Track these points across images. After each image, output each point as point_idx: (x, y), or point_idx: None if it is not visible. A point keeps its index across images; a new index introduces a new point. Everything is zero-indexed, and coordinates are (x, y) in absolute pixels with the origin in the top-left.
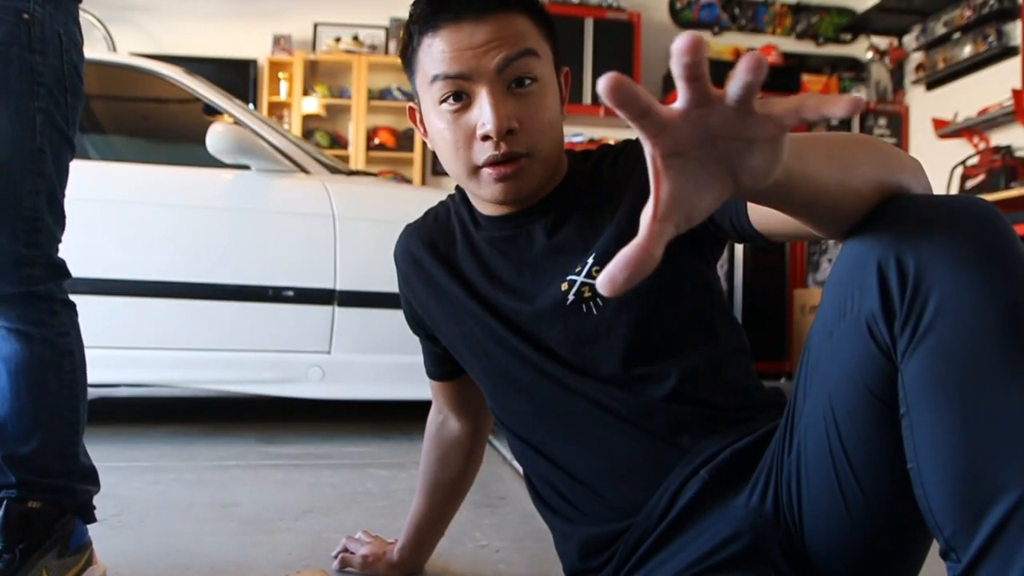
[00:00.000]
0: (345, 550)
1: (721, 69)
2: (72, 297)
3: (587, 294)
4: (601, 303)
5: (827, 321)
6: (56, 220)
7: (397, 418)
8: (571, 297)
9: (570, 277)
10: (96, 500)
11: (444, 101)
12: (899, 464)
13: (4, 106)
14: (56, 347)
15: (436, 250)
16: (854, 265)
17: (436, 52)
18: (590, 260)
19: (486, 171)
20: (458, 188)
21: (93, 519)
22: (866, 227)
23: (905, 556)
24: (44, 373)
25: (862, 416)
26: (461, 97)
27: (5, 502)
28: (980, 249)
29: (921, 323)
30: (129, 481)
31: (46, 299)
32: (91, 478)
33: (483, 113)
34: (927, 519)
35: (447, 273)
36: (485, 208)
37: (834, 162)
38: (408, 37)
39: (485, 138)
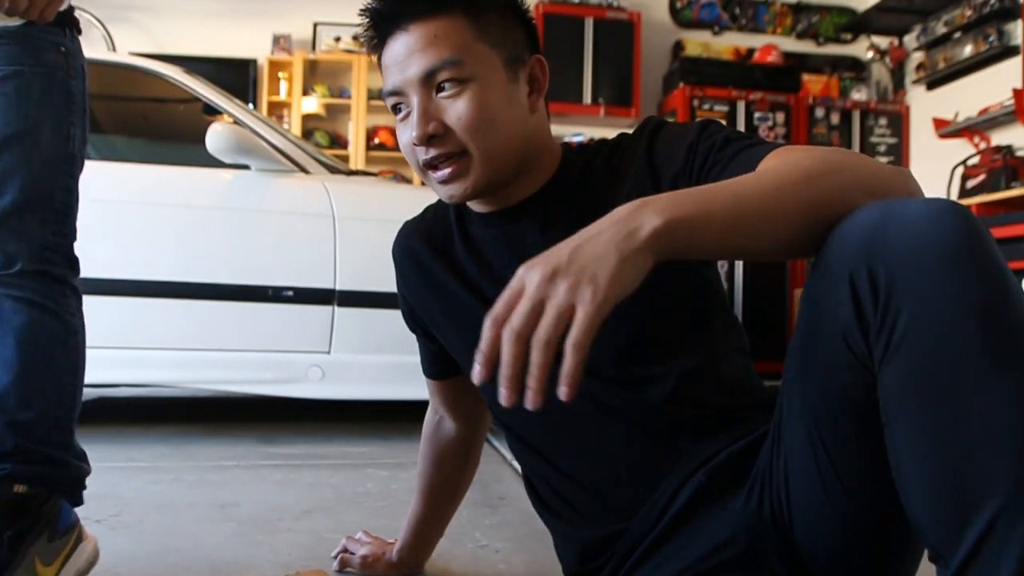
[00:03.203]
0: (345, 550)
1: (721, 69)
2: None
3: None
4: None
5: (805, 331)
6: (76, 218)
7: (397, 418)
8: None
9: None
10: (96, 500)
11: (395, 113)
12: (885, 469)
13: (48, 118)
14: (64, 322)
15: (434, 246)
16: (826, 276)
17: (383, 69)
18: None
19: (430, 173)
20: None
21: (81, 501)
22: (837, 236)
23: (899, 559)
24: (51, 344)
25: (844, 425)
26: (402, 108)
27: None
28: (950, 254)
29: (895, 332)
30: (129, 481)
31: (60, 281)
32: (84, 458)
33: (411, 121)
34: (914, 526)
35: (445, 269)
36: (475, 206)
37: (756, 222)
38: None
39: (416, 144)
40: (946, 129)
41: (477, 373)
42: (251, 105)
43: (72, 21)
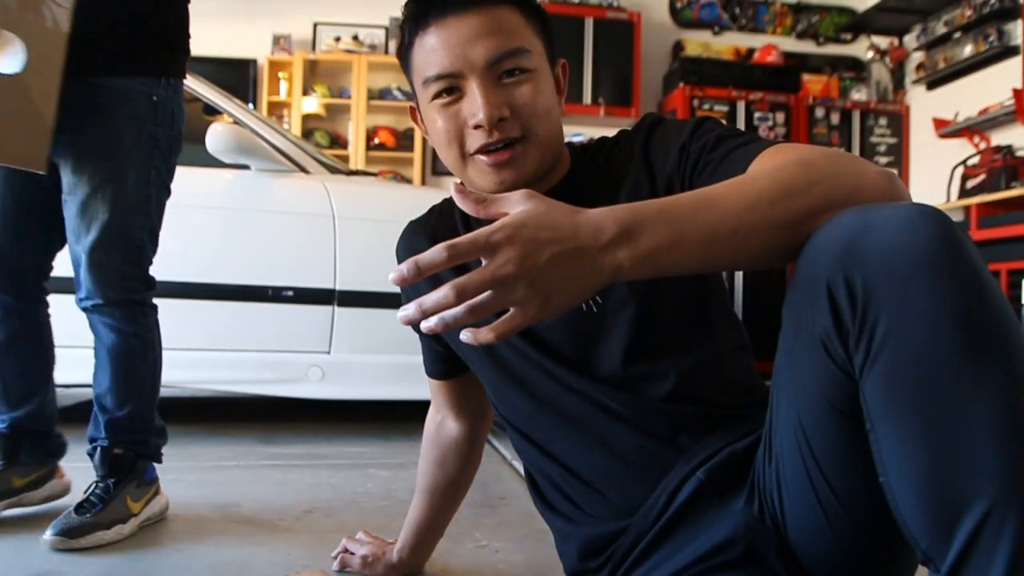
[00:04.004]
0: (345, 550)
1: (721, 69)
2: (72, 297)
3: None
4: (601, 300)
5: (787, 338)
6: (153, 247)
7: (397, 418)
8: None
9: None
10: None
11: (438, 97)
12: (873, 473)
13: (132, 166)
14: (144, 341)
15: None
16: (804, 284)
17: (427, 50)
18: None
19: (480, 158)
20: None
21: (160, 461)
22: (814, 244)
23: (894, 561)
24: (134, 360)
25: (830, 431)
26: (453, 91)
27: (99, 449)
28: (927, 261)
29: (874, 340)
30: None
31: (140, 305)
32: (162, 434)
33: (474, 103)
34: (903, 531)
35: (450, 269)
36: None
37: (729, 238)
38: (402, 37)
39: (477, 127)
40: (946, 129)
41: (397, 279)
42: (251, 105)
43: (171, 71)
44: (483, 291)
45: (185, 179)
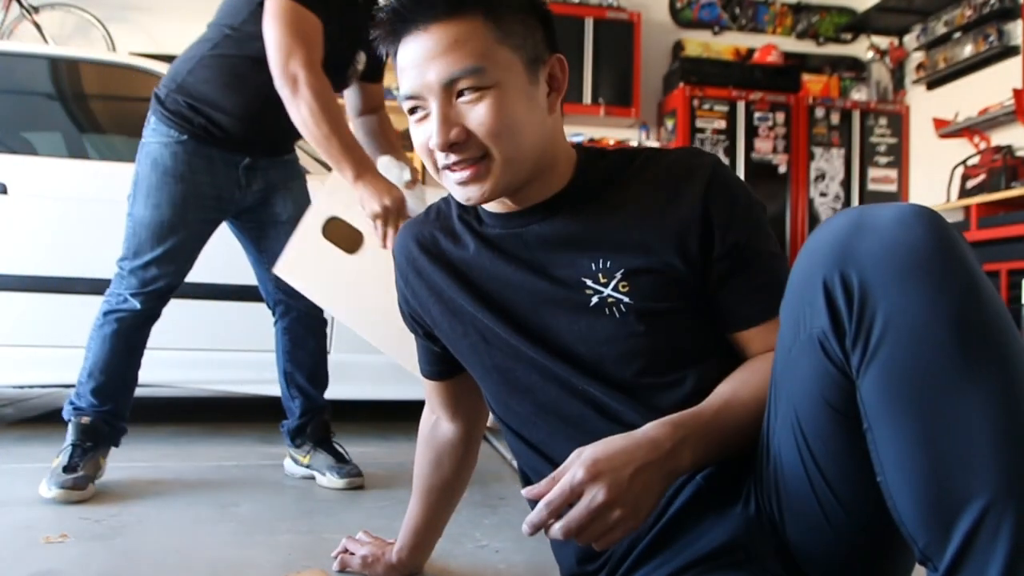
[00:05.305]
0: (345, 550)
1: (721, 69)
2: (73, 297)
3: (611, 301)
4: (624, 310)
5: (785, 338)
6: None
7: (397, 418)
8: (594, 300)
9: (593, 284)
10: (96, 500)
11: (412, 113)
12: (872, 474)
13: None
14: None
15: (438, 248)
16: (802, 283)
17: (399, 68)
18: (618, 275)
19: (448, 174)
20: None
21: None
22: (810, 246)
23: (892, 561)
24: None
25: (828, 431)
26: (419, 110)
27: (320, 415)
28: (923, 258)
29: (871, 339)
30: (129, 481)
31: None
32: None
33: (431, 126)
34: (901, 529)
35: (448, 272)
36: (490, 206)
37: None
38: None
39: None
40: (946, 129)
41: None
42: None
43: None
44: (587, 523)
45: None
